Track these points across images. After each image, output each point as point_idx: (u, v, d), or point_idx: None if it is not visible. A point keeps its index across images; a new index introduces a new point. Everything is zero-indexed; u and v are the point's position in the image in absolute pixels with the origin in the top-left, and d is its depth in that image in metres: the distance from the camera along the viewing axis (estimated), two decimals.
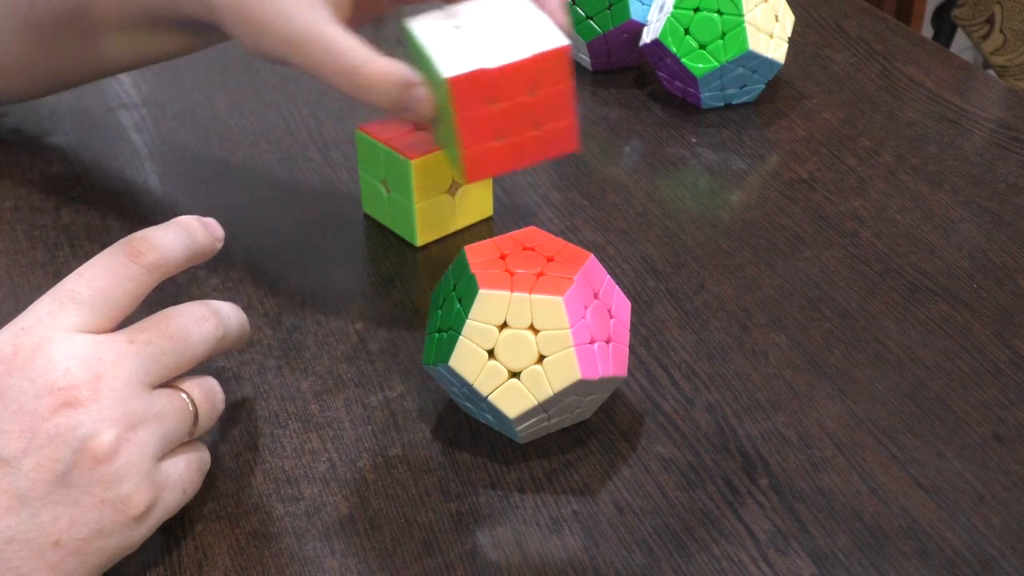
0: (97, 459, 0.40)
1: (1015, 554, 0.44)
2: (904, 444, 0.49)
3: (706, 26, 0.70)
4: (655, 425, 0.50)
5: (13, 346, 0.41)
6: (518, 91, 0.52)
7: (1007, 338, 0.54)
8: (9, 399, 0.40)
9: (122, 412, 0.41)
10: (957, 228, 0.62)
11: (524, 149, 0.53)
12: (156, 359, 0.43)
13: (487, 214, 0.63)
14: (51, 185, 0.66)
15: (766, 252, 0.60)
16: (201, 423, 0.45)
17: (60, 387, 0.40)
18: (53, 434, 0.40)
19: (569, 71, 0.52)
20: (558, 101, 0.53)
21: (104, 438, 0.40)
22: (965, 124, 0.71)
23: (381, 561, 0.44)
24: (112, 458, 0.40)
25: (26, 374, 0.40)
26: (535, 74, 0.51)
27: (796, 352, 0.53)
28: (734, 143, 0.70)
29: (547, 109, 0.53)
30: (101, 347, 0.41)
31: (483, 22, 0.53)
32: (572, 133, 0.54)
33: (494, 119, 0.52)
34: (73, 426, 0.40)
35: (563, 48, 0.51)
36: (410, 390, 0.52)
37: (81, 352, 0.41)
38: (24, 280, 0.59)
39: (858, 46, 0.81)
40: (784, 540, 0.44)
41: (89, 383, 0.40)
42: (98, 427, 0.40)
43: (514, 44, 0.52)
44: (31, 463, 0.39)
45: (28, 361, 0.40)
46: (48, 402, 0.40)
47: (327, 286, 0.58)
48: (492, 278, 0.46)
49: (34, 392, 0.40)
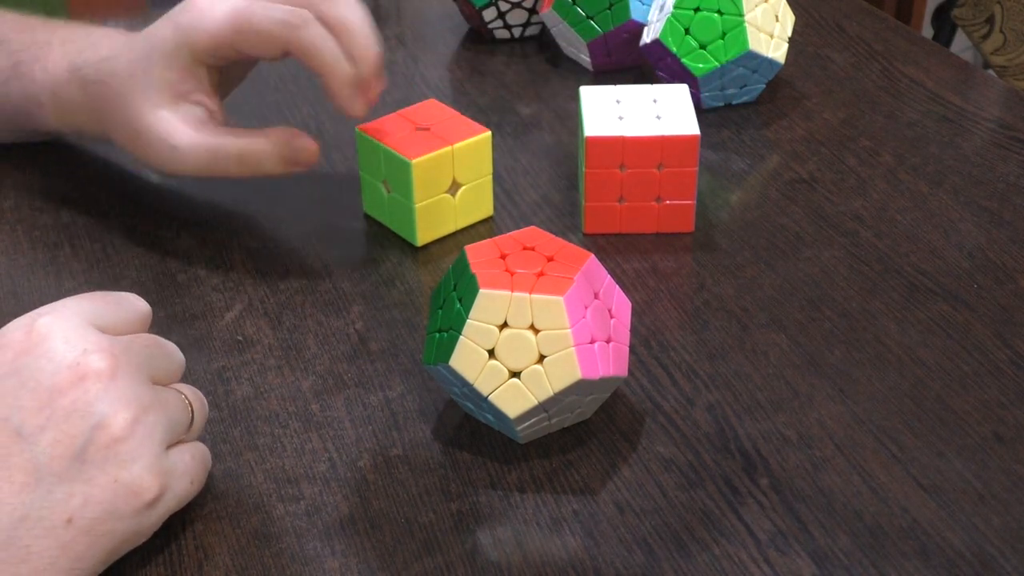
0: (114, 437, 0.40)
1: (1015, 554, 0.44)
2: (904, 444, 0.49)
3: (706, 26, 0.70)
4: (655, 425, 0.50)
5: (29, 329, 0.42)
6: (645, 163, 0.59)
7: (1007, 338, 0.54)
8: (26, 376, 0.40)
9: (135, 395, 0.41)
10: (957, 228, 0.62)
11: (642, 216, 0.61)
12: (156, 360, 0.45)
13: (488, 214, 0.63)
14: (51, 185, 0.66)
15: (766, 252, 0.60)
16: (196, 422, 0.46)
17: (78, 363, 0.41)
18: (71, 409, 0.40)
19: (695, 158, 0.59)
20: (681, 181, 0.60)
21: (121, 416, 0.41)
22: (965, 124, 0.71)
23: (381, 561, 0.44)
24: (128, 437, 0.41)
25: (43, 352, 0.41)
26: (663, 152, 0.59)
27: (796, 352, 0.54)
28: (734, 143, 0.70)
29: (670, 186, 0.60)
30: (112, 340, 0.43)
31: (639, 102, 0.61)
32: (689, 214, 0.61)
33: (619, 182, 0.60)
34: (91, 401, 0.40)
35: (693, 136, 0.59)
36: (410, 390, 0.52)
37: (96, 339, 0.42)
38: (24, 280, 0.59)
39: (858, 46, 0.81)
40: (784, 540, 0.44)
41: (105, 364, 0.41)
42: (115, 406, 0.41)
43: (654, 124, 0.59)
44: (49, 438, 0.40)
45: (45, 340, 0.41)
46: (66, 377, 0.40)
47: (327, 286, 0.58)
48: (492, 278, 0.46)
49: (51, 369, 0.41)
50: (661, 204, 0.61)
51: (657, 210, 0.61)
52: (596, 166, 0.59)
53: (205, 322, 0.56)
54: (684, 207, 0.61)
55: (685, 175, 0.60)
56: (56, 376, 0.40)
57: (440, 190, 0.60)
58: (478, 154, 0.60)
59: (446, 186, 0.60)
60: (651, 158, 0.59)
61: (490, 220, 0.63)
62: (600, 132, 0.59)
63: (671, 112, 0.60)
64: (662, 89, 0.62)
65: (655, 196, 0.60)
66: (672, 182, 0.60)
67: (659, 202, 0.60)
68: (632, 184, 0.60)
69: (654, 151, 0.59)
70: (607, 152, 0.59)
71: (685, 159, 0.59)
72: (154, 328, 0.55)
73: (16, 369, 0.41)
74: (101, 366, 0.41)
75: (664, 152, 0.59)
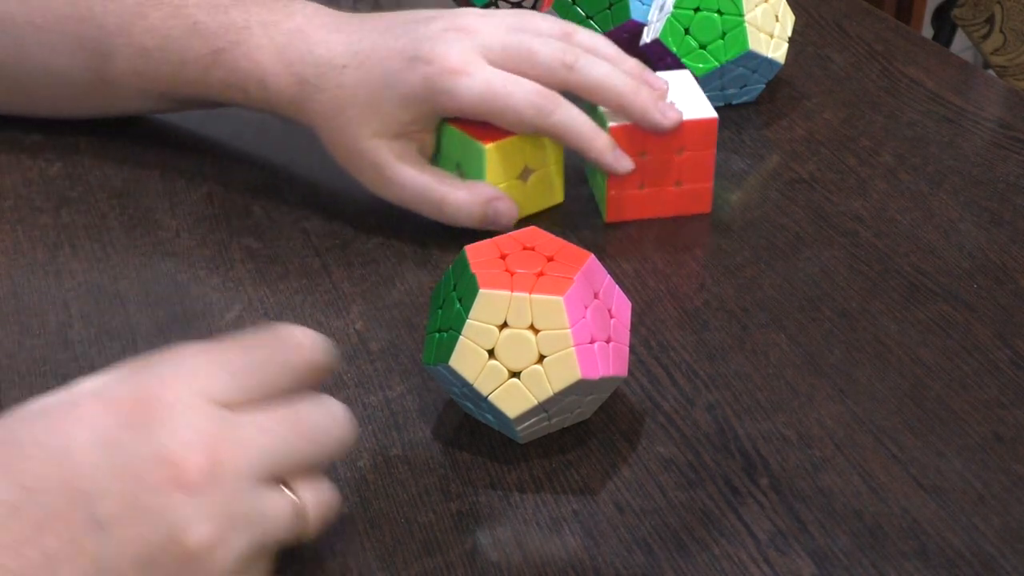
0: (189, 554, 0.37)
1: (1015, 554, 0.44)
2: (904, 444, 0.49)
3: (706, 26, 0.70)
4: (655, 425, 0.50)
5: (139, 394, 0.38)
6: (666, 149, 0.61)
7: (1007, 338, 0.54)
8: (119, 453, 0.37)
9: (227, 512, 0.37)
10: (957, 228, 0.62)
11: (663, 201, 0.62)
12: (280, 456, 0.40)
13: (557, 201, 0.64)
14: (51, 185, 0.66)
15: (766, 252, 0.60)
16: (305, 531, 0.41)
17: (174, 461, 0.37)
18: (153, 511, 0.37)
19: (714, 140, 0.61)
20: (700, 164, 0.62)
21: (201, 533, 0.37)
22: (965, 124, 0.71)
23: (381, 561, 0.44)
24: (202, 557, 0.37)
25: (143, 432, 0.37)
26: (683, 137, 0.60)
27: (796, 352, 0.54)
28: (734, 143, 0.70)
29: (689, 170, 0.61)
30: (227, 428, 0.38)
31: None
32: (707, 196, 0.63)
33: (640, 169, 0.60)
34: (175, 508, 0.37)
35: (711, 119, 0.60)
36: (410, 390, 0.52)
37: (206, 428, 0.38)
38: (24, 280, 0.59)
39: (858, 46, 0.81)
40: (784, 540, 0.44)
41: (205, 467, 0.37)
42: (199, 520, 0.37)
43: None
44: (123, 535, 0.36)
45: (149, 419, 0.37)
46: (158, 474, 0.37)
47: (327, 286, 0.58)
48: (492, 278, 0.46)
49: (146, 455, 0.37)
50: (680, 188, 0.62)
51: (676, 194, 0.62)
52: None
53: (205, 322, 0.56)
54: (702, 189, 0.62)
55: (704, 158, 0.61)
56: (147, 466, 0.37)
57: (512, 175, 0.61)
58: (549, 142, 0.62)
59: (518, 171, 0.61)
60: (672, 143, 0.60)
61: (559, 208, 0.64)
62: (622, 121, 0.60)
63: (684, 98, 0.62)
64: (667, 76, 0.63)
65: (675, 180, 0.62)
66: (691, 165, 0.61)
67: (678, 186, 0.62)
68: (653, 170, 0.61)
69: (675, 136, 0.60)
70: (630, 140, 0.60)
71: (705, 142, 0.61)
72: (154, 328, 0.55)
73: (115, 441, 0.37)
74: (197, 471, 0.37)
75: (685, 137, 0.60)
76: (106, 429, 0.37)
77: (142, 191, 0.66)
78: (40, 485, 0.36)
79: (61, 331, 0.55)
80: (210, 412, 0.38)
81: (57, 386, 0.52)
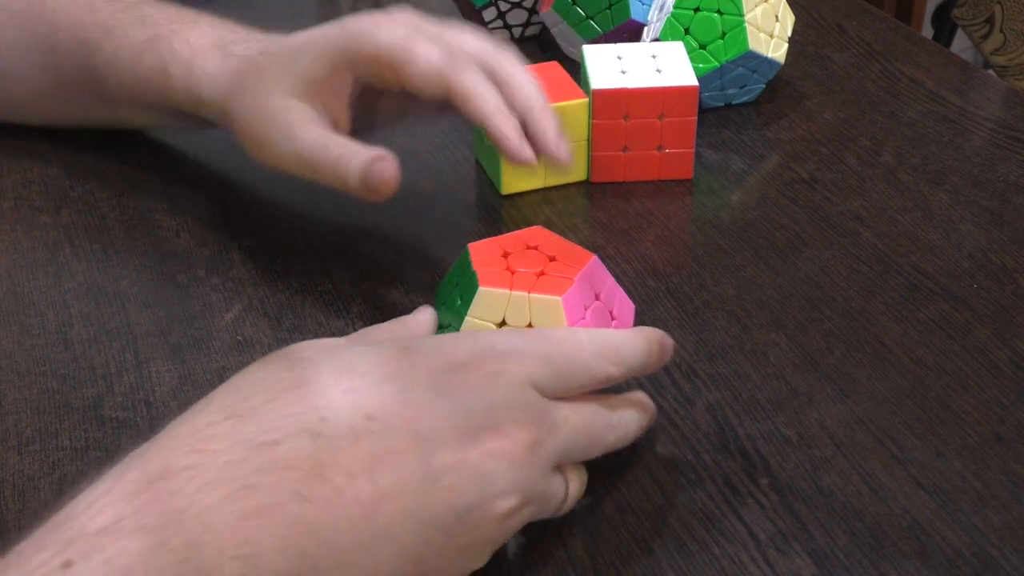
0: (493, 517, 0.39)
1: (1015, 554, 0.44)
2: (904, 444, 0.49)
3: (706, 26, 0.70)
4: (655, 425, 0.50)
5: (475, 358, 0.40)
6: (648, 113, 0.63)
7: (1007, 338, 0.54)
8: (455, 402, 0.39)
9: (530, 488, 0.40)
10: (957, 228, 0.62)
11: (645, 165, 0.65)
12: (571, 450, 0.42)
13: (580, 177, 0.66)
14: (51, 185, 0.66)
15: (766, 252, 0.60)
16: (559, 513, 0.44)
17: (500, 426, 0.39)
18: (479, 473, 0.39)
19: (695, 107, 0.63)
20: (682, 130, 0.64)
21: (510, 504, 0.39)
22: (965, 124, 0.71)
23: None
24: (500, 523, 0.39)
25: (479, 394, 0.39)
26: (665, 103, 0.63)
27: (796, 352, 0.53)
28: (734, 143, 0.70)
29: (671, 135, 0.64)
30: (547, 412, 0.41)
31: (640, 57, 0.65)
32: (688, 161, 0.65)
33: (623, 132, 0.63)
34: (498, 476, 0.39)
35: (693, 87, 0.63)
36: None
37: (534, 406, 0.40)
38: (24, 280, 0.59)
39: (858, 46, 0.81)
40: (784, 540, 0.44)
41: (528, 441, 0.40)
42: (512, 492, 0.39)
43: (655, 76, 0.63)
44: (449, 485, 0.38)
45: (485, 383, 0.40)
46: (490, 443, 0.39)
47: (327, 286, 0.58)
48: (493, 276, 0.46)
49: (482, 421, 0.39)
50: (662, 152, 0.65)
51: (659, 158, 0.65)
52: (602, 117, 0.63)
53: (205, 322, 0.56)
54: (684, 155, 0.65)
55: (685, 124, 0.64)
56: (484, 434, 0.39)
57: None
58: (575, 118, 0.63)
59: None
60: (653, 108, 0.63)
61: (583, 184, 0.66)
62: (605, 85, 0.62)
63: (670, 66, 0.64)
64: (659, 46, 0.66)
65: (657, 144, 0.64)
66: (673, 131, 0.64)
67: (660, 150, 0.64)
68: (635, 133, 0.64)
69: (656, 102, 0.63)
70: (612, 104, 0.62)
71: (685, 109, 0.63)
72: (154, 328, 0.55)
73: (463, 384, 0.39)
74: (523, 449, 0.39)
75: (665, 102, 0.63)
76: (443, 374, 0.40)
77: (142, 191, 0.66)
78: (383, 416, 0.38)
79: (61, 331, 0.55)
80: (535, 398, 0.41)
81: (57, 386, 0.52)
